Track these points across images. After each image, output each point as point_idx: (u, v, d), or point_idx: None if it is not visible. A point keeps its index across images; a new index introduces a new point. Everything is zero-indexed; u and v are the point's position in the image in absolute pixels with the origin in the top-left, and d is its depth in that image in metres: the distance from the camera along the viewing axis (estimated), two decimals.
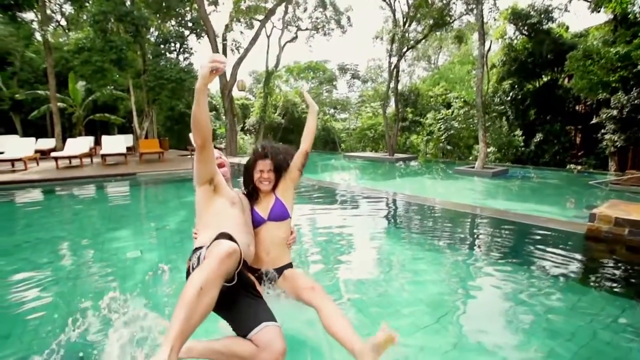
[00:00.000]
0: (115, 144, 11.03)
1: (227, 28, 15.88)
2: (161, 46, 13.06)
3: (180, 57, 13.58)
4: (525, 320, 2.36)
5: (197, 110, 1.61)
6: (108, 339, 1.81)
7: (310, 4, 17.56)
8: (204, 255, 1.47)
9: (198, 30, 13.98)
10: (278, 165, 2.05)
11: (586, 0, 10.64)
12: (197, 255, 1.60)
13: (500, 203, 6.83)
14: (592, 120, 10.42)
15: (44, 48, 12.25)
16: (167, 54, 13.13)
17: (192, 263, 1.62)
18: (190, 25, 14.17)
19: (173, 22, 14.67)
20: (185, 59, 13.63)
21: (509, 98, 13.44)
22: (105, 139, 11.45)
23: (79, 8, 12.19)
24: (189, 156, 12.68)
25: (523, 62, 12.72)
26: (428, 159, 15.41)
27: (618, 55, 9.17)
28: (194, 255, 1.65)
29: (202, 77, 1.54)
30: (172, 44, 13.35)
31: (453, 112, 15.23)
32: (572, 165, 10.97)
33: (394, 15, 14.92)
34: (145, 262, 3.42)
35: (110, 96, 15.06)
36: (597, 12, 10.06)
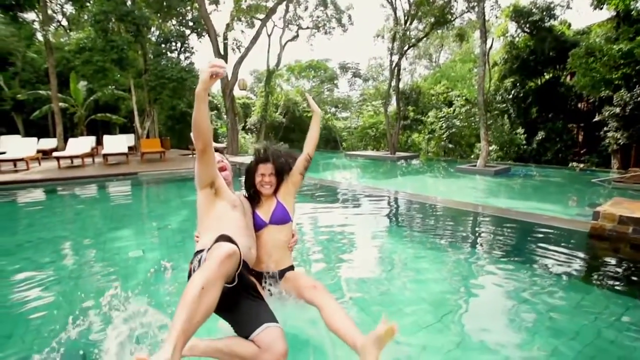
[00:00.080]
0: (116, 143, 11.05)
1: (228, 27, 15.87)
2: (162, 46, 13.06)
3: (182, 57, 13.59)
4: (528, 318, 2.35)
5: (198, 115, 1.62)
6: (107, 336, 1.81)
7: (311, 2, 17.52)
8: (205, 258, 1.48)
9: (199, 30, 13.98)
10: (279, 168, 2.05)
11: None
12: (198, 258, 1.62)
13: (503, 201, 6.81)
14: (595, 118, 10.36)
15: (45, 48, 12.28)
16: (168, 53, 13.14)
17: (193, 266, 1.65)
18: (191, 24, 14.18)
19: (174, 21, 14.67)
20: (186, 59, 13.65)
21: (510, 96, 13.38)
22: (106, 138, 11.48)
23: (80, 8, 12.20)
24: (191, 155, 12.69)
25: (525, 59, 12.66)
26: (429, 157, 15.38)
27: (621, 52, 9.11)
28: (195, 258, 1.66)
29: (202, 82, 1.55)
30: (173, 44, 13.35)
31: (455, 110, 15.20)
32: (575, 163, 10.93)
33: (395, 13, 14.91)
34: (147, 261, 3.42)
35: (112, 96, 15.08)
36: (600, 9, 10.00)
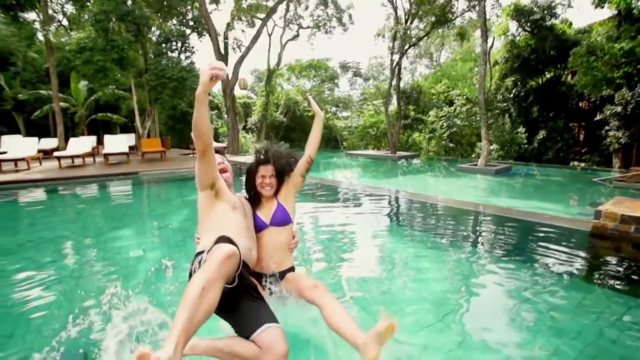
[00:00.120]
0: (117, 143, 11.06)
1: (229, 26, 15.86)
2: (163, 45, 13.06)
3: (182, 56, 13.60)
4: (530, 318, 2.34)
5: (198, 117, 1.62)
6: (107, 334, 1.81)
7: (312, 1, 17.52)
8: (205, 260, 1.49)
9: (199, 29, 13.99)
10: (280, 170, 2.06)
11: None
12: (198, 259, 1.63)
13: (504, 200, 6.80)
14: (596, 117, 10.34)
15: (46, 48, 12.29)
16: (169, 53, 13.15)
17: (194, 267, 1.65)
18: (192, 24, 14.18)
19: (174, 21, 14.67)
20: (186, 58, 13.65)
21: (511, 95, 13.36)
22: (107, 138, 11.49)
23: (81, 8, 12.19)
24: (191, 155, 12.70)
25: (526, 58, 12.63)
26: (430, 156, 15.36)
27: (622, 51, 9.08)
28: (195, 259, 1.67)
29: (202, 84, 1.55)
30: (174, 43, 13.35)
31: (455, 109, 15.18)
32: (576, 163, 10.91)
33: (395, 12, 14.89)
34: (148, 261, 3.42)
35: (112, 95, 15.09)
36: (601, 7, 9.96)
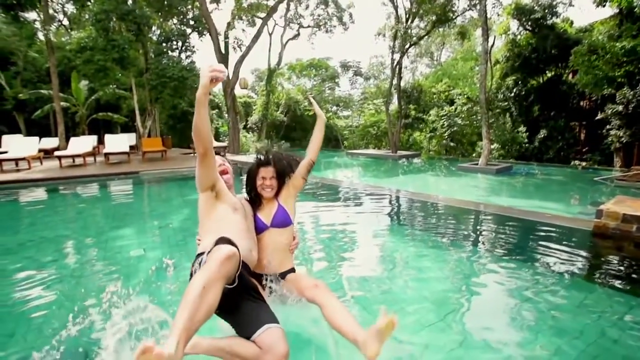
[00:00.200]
0: (118, 142, 11.07)
1: (229, 26, 15.86)
2: (163, 44, 13.04)
3: (183, 56, 13.56)
4: (531, 317, 2.33)
5: (198, 119, 1.62)
6: (107, 332, 1.81)
7: (312, 1, 17.51)
8: (205, 261, 1.49)
9: (200, 29, 13.96)
10: (281, 172, 2.06)
11: None
12: (199, 261, 1.63)
13: (504, 200, 6.79)
14: (597, 116, 10.32)
15: (47, 47, 12.29)
16: (169, 52, 13.12)
17: (194, 268, 1.66)
18: (192, 23, 14.15)
19: (175, 20, 14.65)
20: (187, 57, 13.61)
21: (512, 94, 13.33)
22: (108, 137, 11.51)
23: (81, 7, 12.18)
24: (192, 154, 12.70)
25: (527, 57, 12.60)
26: (431, 156, 15.34)
27: (624, 49, 9.06)
28: (196, 261, 1.68)
29: (202, 86, 1.55)
30: (174, 42, 13.32)
31: (456, 108, 15.15)
32: (577, 162, 10.88)
33: (396, 11, 14.86)
34: (149, 260, 3.42)
35: (113, 95, 15.10)
36: (602, 6, 9.94)
